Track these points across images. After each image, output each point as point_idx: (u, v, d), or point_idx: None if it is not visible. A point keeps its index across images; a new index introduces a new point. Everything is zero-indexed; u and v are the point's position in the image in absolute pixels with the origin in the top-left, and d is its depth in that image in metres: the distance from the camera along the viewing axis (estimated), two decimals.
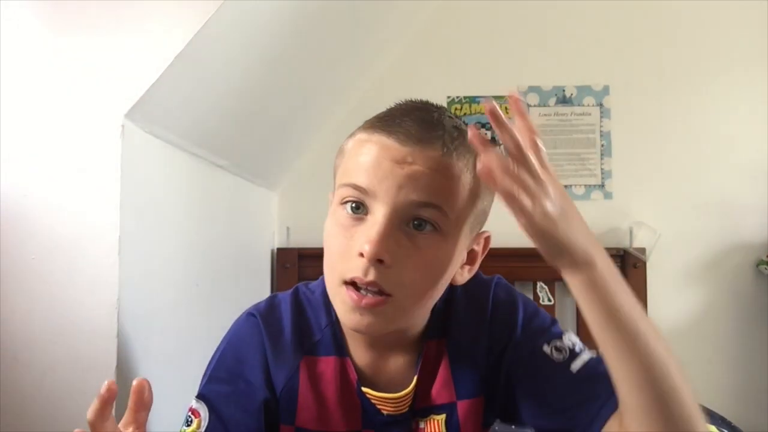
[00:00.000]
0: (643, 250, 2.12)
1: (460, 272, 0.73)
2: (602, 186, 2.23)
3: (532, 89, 2.28)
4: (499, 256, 2.42)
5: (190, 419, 0.74)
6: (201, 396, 0.75)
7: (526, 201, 0.54)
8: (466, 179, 0.67)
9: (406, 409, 0.76)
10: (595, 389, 0.69)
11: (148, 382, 0.54)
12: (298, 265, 2.13)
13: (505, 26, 2.30)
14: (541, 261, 0.61)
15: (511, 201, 0.54)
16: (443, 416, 0.76)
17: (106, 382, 0.52)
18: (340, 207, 0.68)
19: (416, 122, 0.66)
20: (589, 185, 2.24)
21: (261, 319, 0.78)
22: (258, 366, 0.75)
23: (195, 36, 1.10)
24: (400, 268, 0.65)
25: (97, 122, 1.09)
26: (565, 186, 2.22)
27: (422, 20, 2.30)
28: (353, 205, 0.66)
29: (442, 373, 0.76)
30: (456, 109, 2.26)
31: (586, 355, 0.73)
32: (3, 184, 1.08)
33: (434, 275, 0.68)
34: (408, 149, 0.64)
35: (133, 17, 1.10)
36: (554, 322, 0.78)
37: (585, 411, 0.69)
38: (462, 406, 0.76)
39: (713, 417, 1.60)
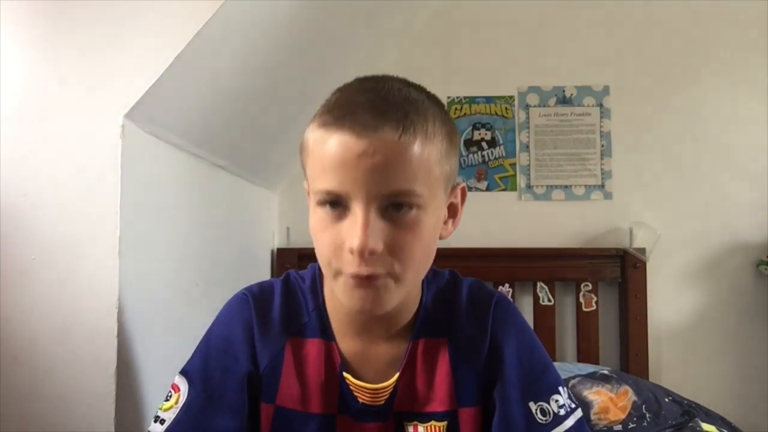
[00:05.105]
0: (643, 250, 2.12)
1: (444, 228, 0.74)
2: (602, 186, 2.23)
3: (532, 89, 2.28)
4: (499, 257, 2.41)
5: (170, 395, 0.76)
6: (184, 371, 0.77)
7: None
8: (429, 149, 0.66)
9: (383, 402, 0.76)
10: None
11: None
12: (298, 266, 2.12)
13: (505, 26, 2.30)
14: (541, 261, 0.61)
15: None
16: (444, 423, 0.75)
17: None
18: (318, 207, 0.68)
19: (367, 108, 0.65)
20: (589, 185, 2.24)
21: (252, 297, 0.79)
22: (244, 340, 0.77)
23: (195, 36, 1.11)
24: (391, 252, 0.66)
25: (97, 122, 1.09)
26: (565, 186, 2.23)
27: (422, 20, 2.30)
28: (330, 204, 0.67)
29: (444, 377, 0.75)
30: (456, 109, 2.26)
31: (569, 421, 0.73)
32: (3, 184, 1.08)
33: (424, 245, 0.69)
34: (365, 141, 0.63)
35: (133, 17, 1.10)
36: (548, 368, 0.77)
37: None
38: (464, 414, 0.75)
39: (713, 417, 1.59)
